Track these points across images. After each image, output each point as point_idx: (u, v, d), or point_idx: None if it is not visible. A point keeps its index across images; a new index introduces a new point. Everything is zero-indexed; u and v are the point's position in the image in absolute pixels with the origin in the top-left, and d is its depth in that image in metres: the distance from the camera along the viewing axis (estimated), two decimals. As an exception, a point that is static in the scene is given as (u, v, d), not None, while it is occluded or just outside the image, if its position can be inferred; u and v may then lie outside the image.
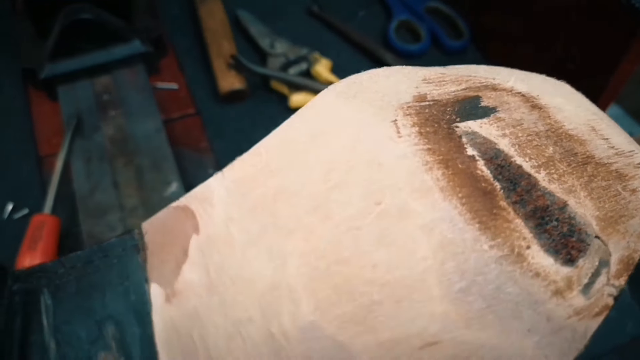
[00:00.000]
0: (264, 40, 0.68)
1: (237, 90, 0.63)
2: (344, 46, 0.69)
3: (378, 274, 0.17)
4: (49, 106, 0.64)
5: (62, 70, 0.63)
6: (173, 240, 0.18)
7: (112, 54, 0.64)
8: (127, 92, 0.63)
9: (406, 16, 0.70)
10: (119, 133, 0.60)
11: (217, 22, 0.68)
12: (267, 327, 0.16)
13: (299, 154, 0.20)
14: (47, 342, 0.17)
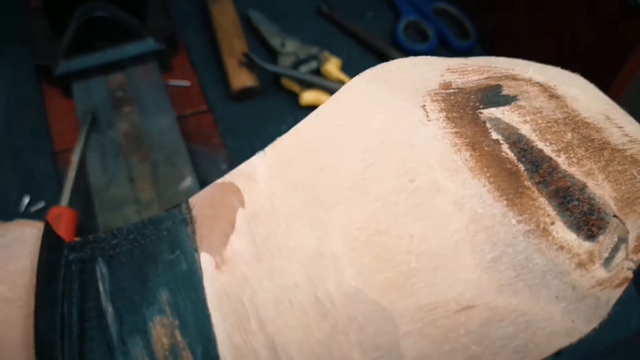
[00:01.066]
0: (275, 40, 0.69)
1: (249, 88, 0.64)
2: (353, 45, 0.71)
3: (415, 244, 0.18)
4: (63, 102, 0.65)
5: (76, 67, 0.64)
6: (220, 214, 0.19)
7: (126, 52, 0.65)
8: (141, 89, 0.65)
9: (414, 17, 0.71)
10: (134, 129, 0.61)
11: (228, 21, 0.70)
12: (313, 292, 0.18)
13: (335, 135, 0.21)
14: (104, 307, 0.18)
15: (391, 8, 0.75)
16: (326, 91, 0.63)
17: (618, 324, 0.57)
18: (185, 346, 0.17)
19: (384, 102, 0.22)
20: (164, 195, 0.56)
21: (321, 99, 0.63)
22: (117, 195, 0.56)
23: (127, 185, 0.57)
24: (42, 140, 0.62)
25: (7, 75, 0.68)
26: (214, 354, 0.17)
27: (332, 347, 0.17)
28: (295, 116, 0.65)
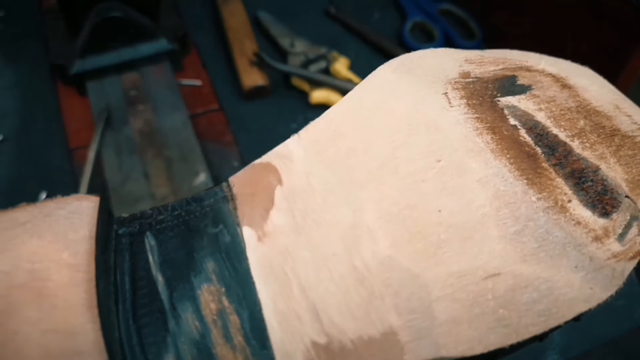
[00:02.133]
0: (284, 40, 0.70)
1: (260, 87, 0.66)
2: (361, 46, 0.72)
3: (443, 218, 0.20)
4: (77, 101, 0.66)
5: (91, 66, 0.65)
6: (259, 191, 0.21)
7: (139, 51, 0.67)
8: (154, 87, 0.66)
9: (420, 18, 0.73)
10: (148, 126, 0.63)
11: (239, 22, 0.71)
12: (351, 261, 0.19)
13: (364, 119, 0.23)
14: (154, 276, 0.19)
15: (397, 9, 0.76)
16: (336, 90, 0.65)
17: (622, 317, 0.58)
18: (232, 311, 0.19)
19: (409, 90, 0.24)
20: (179, 191, 0.57)
21: (331, 98, 0.65)
22: (133, 191, 0.57)
23: (143, 182, 0.58)
24: (57, 138, 0.64)
25: (22, 74, 0.70)
26: (260, 317, 0.18)
27: (370, 310, 0.18)
28: (305, 115, 0.66)
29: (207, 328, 0.18)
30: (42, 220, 0.18)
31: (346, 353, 0.18)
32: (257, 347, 0.18)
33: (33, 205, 0.19)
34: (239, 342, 0.18)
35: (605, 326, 0.57)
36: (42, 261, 0.17)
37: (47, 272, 0.17)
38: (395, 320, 0.18)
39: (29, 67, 0.71)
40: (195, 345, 0.18)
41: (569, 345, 0.56)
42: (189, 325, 0.18)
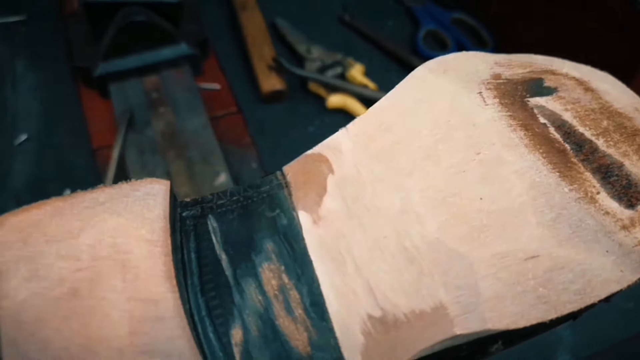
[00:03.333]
0: (301, 46, 0.72)
1: (278, 91, 0.67)
2: (375, 52, 0.74)
3: (485, 205, 0.21)
4: (99, 103, 0.68)
5: (114, 69, 0.67)
6: (312, 179, 0.22)
7: (160, 55, 0.69)
8: (175, 90, 0.68)
9: (433, 26, 0.75)
10: (169, 128, 0.64)
11: (257, 28, 0.73)
12: (401, 242, 0.21)
13: (407, 114, 0.24)
14: (218, 255, 0.21)
15: (410, 18, 0.78)
16: (352, 95, 0.66)
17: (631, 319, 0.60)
18: (292, 287, 0.20)
19: (446, 89, 0.25)
20: (200, 191, 0.59)
21: (347, 103, 0.67)
22: (156, 190, 0.59)
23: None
24: (80, 138, 0.65)
25: (44, 77, 0.71)
26: (318, 292, 0.20)
27: (420, 287, 0.20)
28: (322, 118, 0.68)
29: (270, 302, 0.20)
30: (120, 200, 0.20)
31: (400, 325, 0.19)
32: (316, 319, 0.20)
33: (111, 187, 0.20)
34: (300, 314, 0.20)
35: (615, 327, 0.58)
36: (123, 236, 0.19)
37: (128, 246, 0.19)
38: (444, 296, 0.19)
39: (50, 69, 0.73)
40: (259, 317, 0.20)
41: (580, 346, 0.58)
42: (253, 299, 0.20)
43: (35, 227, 0.19)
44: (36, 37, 0.75)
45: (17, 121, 0.67)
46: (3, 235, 0.18)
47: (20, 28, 0.76)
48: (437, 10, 0.77)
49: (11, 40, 0.74)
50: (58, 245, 0.18)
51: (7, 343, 0.16)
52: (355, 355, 0.19)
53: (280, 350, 0.19)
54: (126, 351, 0.17)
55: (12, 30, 0.75)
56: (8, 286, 0.17)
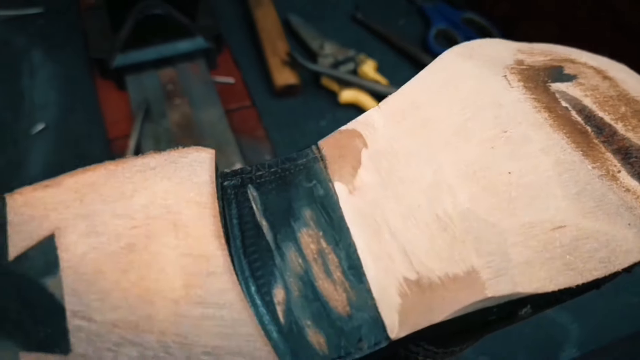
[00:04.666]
0: (314, 42, 0.74)
1: (291, 85, 0.69)
2: (387, 50, 0.75)
3: (513, 179, 0.22)
4: (115, 94, 0.69)
5: (130, 61, 0.68)
6: (347, 153, 0.23)
7: (176, 48, 0.70)
8: (190, 83, 0.69)
9: (444, 25, 0.76)
10: (185, 119, 0.66)
11: (271, 24, 0.74)
12: (434, 212, 0.22)
13: (436, 94, 0.25)
14: (259, 221, 0.22)
15: (421, 17, 0.79)
16: (364, 90, 0.68)
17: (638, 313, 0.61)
18: (330, 251, 0.21)
19: (473, 71, 0.27)
20: (215, 180, 0.60)
21: (359, 98, 0.68)
22: (172, 179, 0.60)
23: (181, 170, 0.60)
24: (96, 128, 0.66)
25: (61, 68, 0.72)
26: (355, 257, 0.21)
27: (453, 252, 0.21)
28: (334, 113, 0.69)
29: (309, 265, 0.21)
30: (169, 165, 0.21)
31: (434, 287, 0.20)
32: (354, 281, 0.21)
33: (160, 154, 0.21)
34: (338, 277, 0.21)
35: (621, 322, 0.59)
36: (173, 198, 0.20)
37: (178, 207, 0.20)
38: (476, 260, 0.20)
39: (67, 61, 0.74)
40: (299, 279, 0.21)
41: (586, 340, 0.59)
42: (293, 262, 0.21)
43: (90, 187, 0.20)
44: (53, 29, 0.76)
45: (34, 111, 0.68)
46: (60, 195, 0.19)
47: (37, 20, 0.77)
48: (448, 10, 0.78)
49: (29, 32, 0.75)
50: (113, 205, 0.19)
51: (68, 292, 0.17)
52: (392, 315, 0.20)
53: (321, 309, 0.20)
54: (181, 302, 0.18)
55: (30, 23, 0.76)
56: (68, 241, 0.18)
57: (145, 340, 0.17)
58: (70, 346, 0.17)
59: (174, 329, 0.17)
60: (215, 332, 0.17)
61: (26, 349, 0.17)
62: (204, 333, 0.17)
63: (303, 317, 0.20)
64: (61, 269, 0.18)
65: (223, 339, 0.17)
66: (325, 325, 0.20)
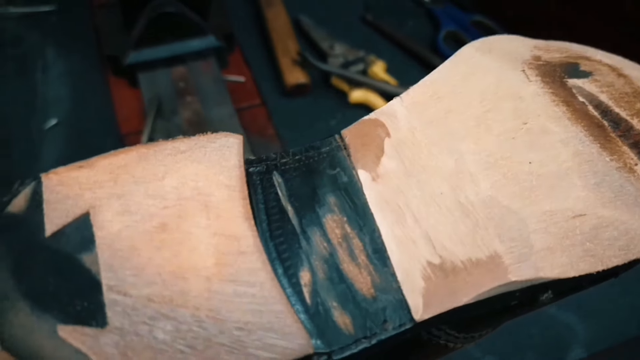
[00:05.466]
0: (324, 43, 0.74)
1: (302, 85, 0.69)
2: (396, 51, 0.76)
3: (534, 168, 0.23)
4: (127, 91, 0.70)
5: (143, 58, 0.69)
6: (370, 141, 0.24)
7: (188, 46, 0.70)
8: (202, 81, 0.70)
9: (453, 27, 0.76)
10: (196, 117, 0.66)
11: (281, 24, 0.75)
12: (457, 198, 0.22)
13: (457, 86, 0.26)
14: (284, 206, 0.22)
15: (430, 19, 0.80)
16: (374, 90, 0.68)
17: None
18: (354, 236, 0.22)
19: (492, 65, 0.27)
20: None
21: (369, 98, 0.68)
22: (183, 175, 0.60)
23: (192, 166, 0.61)
24: (109, 124, 0.67)
25: (73, 64, 0.73)
26: (379, 241, 0.22)
27: (476, 238, 0.21)
28: (344, 113, 0.70)
29: (334, 248, 0.21)
30: (199, 150, 0.21)
31: (458, 271, 0.21)
32: (379, 265, 0.21)
33: (189, 138, 0.22)
34: (363, 260, 0.21)
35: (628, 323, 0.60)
36: (204, 181, 0.20)
37: (209, 189, 0.20)
38: (498, 246, 0.21)
39: (79, 58, 0.74)
40: (325, 262, 0.21)
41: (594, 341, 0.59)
42: (318, 245, 0.21)
43: (123, 168, 0.20)
44: (66, 26, 0.77)
45: (47, 106, 0.69)
46: (94, 175, 0.20)
47: (50, 18, 0.78)
48: (457, 12, 0.79)
49: (41, 29, 0.76)
50: (145, 186, 0.20)
51: (105, 268, 0.18)
52: (416, 297, 0.20)
53: (346, 291, 0.20)
54: (213, 279, 0.18)
55: (42, 20, 0.77)
56: (102, 219, 0.19)
57: (179, 315, 0.17)
58: (106, 319, 0.17)
59: (207, 305, 0.18)
60: (247, 309, 0.18)
61: (64, 321, 0.17)
62: (236, 309, 0.18)
63: (329, 298, 0.20)
64: (97, 245, 0.18)
65: (255, 315, 0.18)
66: (351, 307, 0.20)
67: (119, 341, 0.17)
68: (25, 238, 0.18)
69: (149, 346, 0.17)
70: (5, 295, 0.17)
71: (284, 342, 0.17)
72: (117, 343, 0.17)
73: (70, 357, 0.16)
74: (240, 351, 0.17)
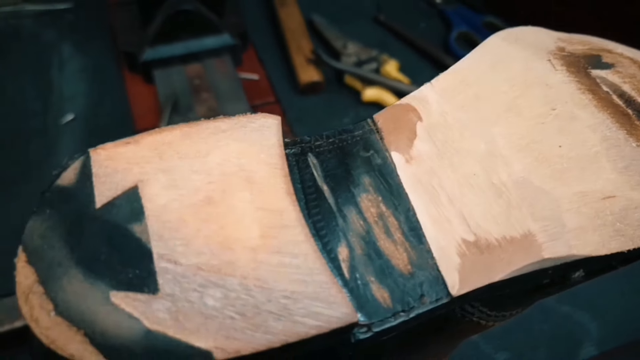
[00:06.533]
0: (337, 42, 0.75)
1: (316, 82, 0.70)
2: (408, 51, 0.77)
3: (564, 152, 0.23)
4: (142, 87, 0.71)
5: (159, 55, 0.70)
6: (402, 125, 0.24)
7: (204, 44, 0.71)
8: (217, 78, 0.70)
9: (465, 28, 0.77)
10: (211, 113, 0.67)
11: (295, 22, 0.76)
12: (489, 179, 0.23)
13: (486, 73, 0.27)
14: (320, 186, 0.23)
15: (442, 20, 0.81)
16: (389, 89, 0.69)
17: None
18: (390, 214, 0.22)
19: (519, 54, 0.28)
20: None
21: (382, 96, 0.69)
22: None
23: (207, 161, 0.62)
24: (125, 120, 0.68)
25: (90, 61, 0.74)
26: (414, 220, 0.22)
27: (510, 217, 0.22)
28: (357, 111, 0.70)
29: (370, 226, 0.22)
30: (239, 129, 0.22)
31: (492, 248, 0.21)
32: (414, 242, 0.22)
33: (229, 118, 0.22)
34: (399, 238, 0.22)
35: (638, 323, 0.60)
36: (246, 158, 0.21)
37: (251, 166, 0.21)
38: (532, 225, 0.21)
39: (95, 54, 0.75)
40: (361, 239, 0.22)
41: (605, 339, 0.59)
42: (355, 223, 0.22)
43: (168, 145, 0.21)
44: (81, 24, 0.78)
45: (63, 102, 0.69)
46: (141, 151, 0.20)
47: (66, 15, 0.78)
48: (469, 13, 0.79)
49: (58, 26, 0.77)
50: (190, 162, 0.20)
51: (155, 237, 0.18)
52: (452, 273, 0.21)
53: (384, 267, 0.21)
54: (259, 250, 0.19)
55: (59, 17, 0.78)
56: (150, 192, 0.19)
57: (228, 283, 0.18)
58: (158, 286, 0.18)
59: (254, 274, 0.18)
60: (292, 279, 0.18)
61: (116, 288, 0.18)
62: (282, 279, 0.18)
63: (367, 273, 0.21)
64: (146, 216, 0.19)
65: (300, 285, 0.18)
66: (389, 282, 0.21)
67: (171, 307, 0.17)
68: (76, 209, 0.19)
69: (199, 312, 0.17)
70: (59, 262, 0.18)
71: (329, 311, 0.18)
72: (169, 309, 0.17)
73: (123, 322, 0.17)
74: (288, 318, 0.17)
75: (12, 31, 0.75)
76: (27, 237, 0.19)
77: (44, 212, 0.19)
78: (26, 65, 0.73)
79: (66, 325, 0.17)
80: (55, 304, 0.17)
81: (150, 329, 0.17)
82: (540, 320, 0.63)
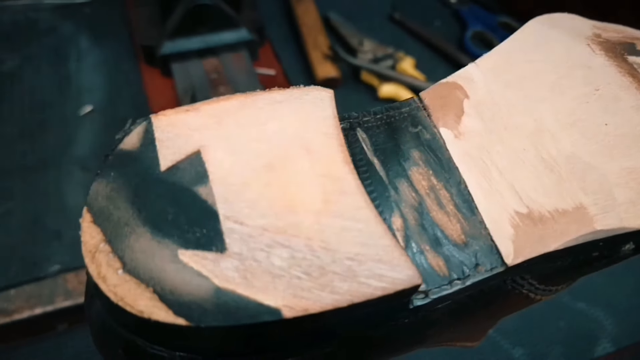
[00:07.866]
0: (353, 39, 0.75)
1: (332, 79, 0.70)
2: (424, 49, 0.77)
3: (610, 130, 0.24)
4: (160, 80, 0.71)
5: (178, 49, 0.70)
6: (449, 102, 0.25)
7: (221, 39, 0.72)
8: (234, 73, 0.71)
9: (480, 27, 0.78)
10: (229, 106, 0.67)
11: (312, 19, 0.76)
12: (539, 154, 0.23)
13: (529, 54, 0.27)
14: (370, 159, 0.23)
15: (457, 19, 0.81)
16: (406, 85, 0.69)
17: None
18: (441, 187, 0.23)
19: (559, 37, 0.28)
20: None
21: (399, 93, 0.69)
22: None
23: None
24: (142, 112, 0.68)
25: (108, 54, 0.74)
26: (466, 192, 0.22)
27: (561, 190, 0.22)
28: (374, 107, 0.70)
29: (422, 198, 0.22)
30: (294, 101, 0.22)
31: (545, 220, 0.21)
32: (467, 213, 0.22)
33: (284, 90, 0.23)
34: (451, 209, 0.22)
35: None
36: (303, 128, 0.21)
37: (308, 136, 0.21)
38: (583, 198, 0.22)
39: (113, 47, 0.75)
40: (414, 210, 0.22)
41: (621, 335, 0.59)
42: (407, 195, 0.22)
43: (226, 114, 0.21)
44: (99, 17, 0.78)
45: (81, 93, 0.70)
46: (201, 118, 0.21)
47: (84, 9, 0.79)
48: (483, 13, 0.80)
49: (75, 20, 0.77)
50: (249, 129, 0.21)
51: (220, 199, 0.19)
52: (507, 243, 0.21)
53: (438, 236, 0.21)
54: (322, 214, 0.19)
55: (77, 11, 0.78)
56: (213, 157, 0.20)
57: (293, 244, 0.18)
58: (225, 245, 0.18)
59: (319, 236, 0.18)
60: (356, 242, 0.19)
61: (184, 247, 0.18)
62: (346, 242, 0.18)
63: (421, 242, 0.21)
64: (210, 180, 0.19)
65: (363, 248, 0.18)
66: (443, 251, 0.21)
67: (239, 265, 0.17)
68: (141, 172, 0.19)
69: (267, 271, 0.17)
70: (126, 222, 0.18)
71: (393, 273, 0.18)
72: (237, 267, 0.17)
73: (192, 280, 0.17)
74: (353, 279, 0.18)
75: (31, 24, 0.76)
76: (91, 198, 0.19)
77: (108, 175, 0.19)
78: (45, 57, 0.73)
79: (134, 283, 0.17)
80: (123, 262, 0.18)
81: (220, 287, 0.17)
82: (557, 317, 0.63)
